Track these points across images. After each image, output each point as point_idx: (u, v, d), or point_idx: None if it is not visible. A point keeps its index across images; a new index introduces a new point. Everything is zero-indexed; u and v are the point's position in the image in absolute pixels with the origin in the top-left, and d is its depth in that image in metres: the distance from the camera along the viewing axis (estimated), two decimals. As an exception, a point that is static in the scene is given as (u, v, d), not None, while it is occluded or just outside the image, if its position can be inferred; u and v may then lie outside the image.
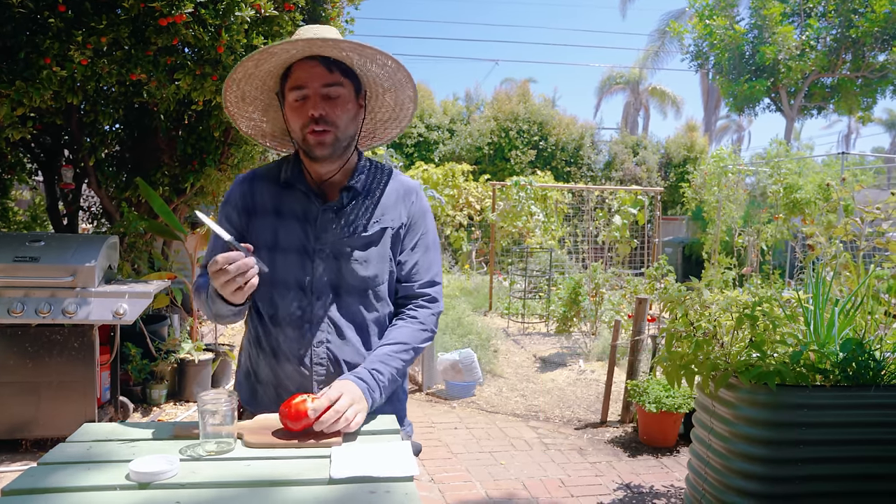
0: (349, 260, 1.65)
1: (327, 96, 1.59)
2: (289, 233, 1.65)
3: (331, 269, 1.64)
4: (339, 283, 1.65)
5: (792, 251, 10.75)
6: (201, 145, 5.33)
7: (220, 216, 1.73)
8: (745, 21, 18.31)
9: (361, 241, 1.66)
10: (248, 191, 1.71)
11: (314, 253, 1.64)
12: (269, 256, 1.64)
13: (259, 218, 1.68)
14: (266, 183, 1.71)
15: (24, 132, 4.08)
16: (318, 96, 1.58)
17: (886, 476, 2.58)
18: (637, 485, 3.72)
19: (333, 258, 1.64)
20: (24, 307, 3.64)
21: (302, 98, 1.59)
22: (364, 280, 1.66)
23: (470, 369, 5.49)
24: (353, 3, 5.18)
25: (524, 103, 18.23)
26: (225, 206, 1.73)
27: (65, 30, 3.69)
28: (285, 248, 1.65)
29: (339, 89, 1.60)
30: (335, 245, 1.64)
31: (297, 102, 1.60)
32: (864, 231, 3.78)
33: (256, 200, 1.69)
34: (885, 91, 17.81)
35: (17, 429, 3.79)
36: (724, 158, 10.73)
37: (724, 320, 2.99)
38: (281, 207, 1.67)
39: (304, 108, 1.59)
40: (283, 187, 1.69)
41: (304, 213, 1.66)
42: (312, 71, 1.58)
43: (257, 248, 1.64)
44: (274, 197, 1.68)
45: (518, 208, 9.76)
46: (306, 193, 1.67)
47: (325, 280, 1.64)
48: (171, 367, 4.90)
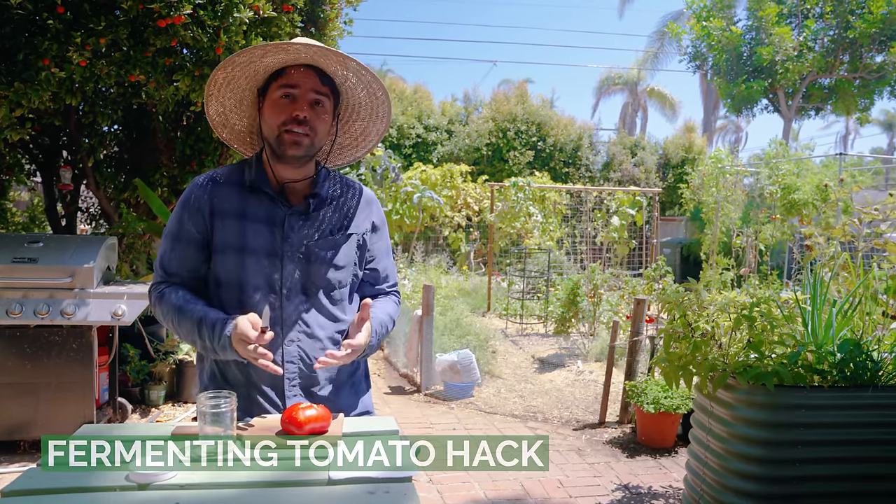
0: (318, 262, 1.69)
1: (314, 102, 1.66)
2: (257, 235, 1.66)
3: (300, 271, 1.68)
4: (309, 284, 1.69)
5: (790, 252, 10.77)
6: (200, 146, 5.33)
7: (178, 216, 1.71)
8: (743, 22, 18.34)
9: (329, 244, 1.71)
10: (211, 194, 1.69)
11: (283, 255, 1.67)
12: (239, 260, 1.66)
13: (224, 220, 1.68)
14: (229, 186, 1.71)
15: (22, 133, 4.08)
16: (307, 100, 1.65)
17: (884, 476, 2.59)
18: (635, 485, 3.72)
19: (304, 260, 1.68)
20: (22, 308, 3.64)
21: (289, 97, 1.64)
22: (332, 281, 1.72)
23: (468, 370, 5.50)
24: (352, 5, 5.18)
25: (522, 104, 18.23)
26: (185, 208, 1.70)
27: (63, 31, 3.69)
28: (255, 251, 1.66)
29: (325, 100, 1.68)
30: (304, 248, 1.68)
31: (282, 99, 1.65)
32: (863, 232, 3.79)
33: (219, 203, 1.69)
34: (883, 92, 17.85)
35: (16, 430, 3.79)
36: (722, 159, 10.74)
37: (722, 321, 2.99)
38: (246, 210, 1.68)
39: (289, 107, 1.64)
40: (249, 191, 1.70)
41: (271, 216, 1.68)
42: (308, 76, 1.65)
43: (225, 250, 1.67)
44: (239, 200, 1.69)
45: (516, 209, 9.77)
46: (272, 198, 1.69)
47: (295, 281, 1.68)
48: (169, 368, 4.90)
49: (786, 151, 11.48)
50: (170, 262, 1.72)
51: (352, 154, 1.93)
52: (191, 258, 1.70)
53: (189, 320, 1.61)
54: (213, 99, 1.75)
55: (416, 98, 17.99)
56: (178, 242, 1.70)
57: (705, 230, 11.29)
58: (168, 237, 1.72)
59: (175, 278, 1.72)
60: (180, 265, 1.71)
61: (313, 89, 1.65)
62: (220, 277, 1.68)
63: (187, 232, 1.69)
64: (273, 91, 1.67)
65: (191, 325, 1.60)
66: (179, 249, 1.70)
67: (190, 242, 1.69)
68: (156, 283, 1.73)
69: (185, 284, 1.72)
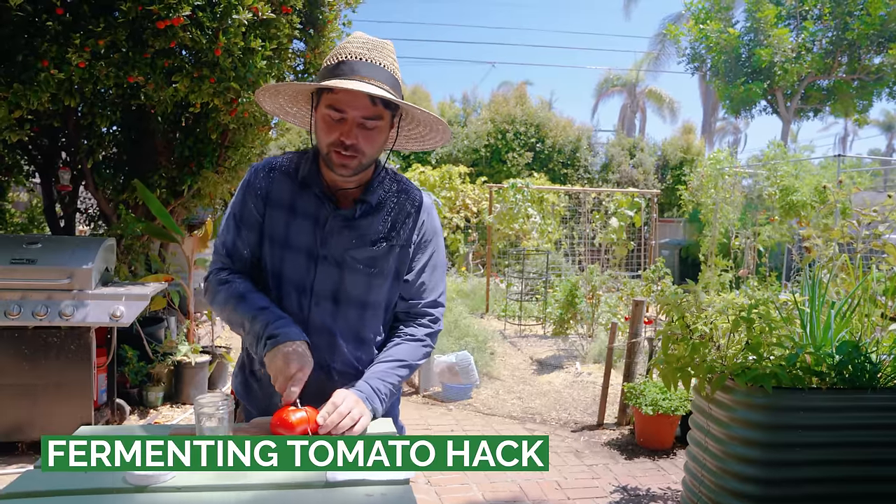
0: (352, 271, 1.63)
1: (364, 126, 1.55)
2: (300, 232, 1.63)
3: (332, 277, 1.63)
4: (339, 292, 1.64)
5: (788, 253, 10.78)
6: (199, 147, 5.33)
7: (240, 198, 1.69)
8: (741, 24, 18.36)
9: (367, 255, 1.64)
10: (269, 181, 1.67)
11: (318, 258, 1.62)
12: (280, 252, 1.64)
13: (275, 210, 1.65)
14: (284, 176, 1.67)
15: (21, 134, 4.08)
16: (356, 125, 1.54)
17: (883, 478, 2.59)
18: (634, 487, 3.72)
19: (336, 266, 1.63)
20: (20, 309, 3.64)
21: (338, 120, 1.55)
22: (364, 293, 1.65)
23: (466, 372, 5.50)
24: (350, 6, 5.18)
25: (521, 105, 18.26)
26: (247, 190, 1.68)
27: (62, 33, 3.70)
28: (295, 247, 1.63)
29: (378, 122, 1.57)
30: (339, 253, 1.63)
31: (331, 120, 1.55)
32: (861, 233, 3.80)
33: (274, 192, 1.66)
34: (881, 93, 17.87)
35: (14, 431, 3.79)
36: (720, 161, 10.74)
37: (721, 323, 3.00)
38: (295, 205, 1.65)
39: (338, 129, 1.55)
40: (300, 185, 1.66)
41: (316, 215, 1.63)
42: (357, 100, 1.53)
43: (272, 241, 1.64)
44: (290, 193, 1.66)
45: (515, 210, 9.77)
46: (320, 197, 1.64)
47: (325, 286, 1.63)
48: (167, 369, 4.89)
49: (784, 153, 11.48)
50: (233, 246, 1.68)
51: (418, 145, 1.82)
52: (254, 242, 1.68)
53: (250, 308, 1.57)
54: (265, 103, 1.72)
55: (415, 99, 18.03)
56: (243, 225, 1.67)
57: (704, 231, 11.29)
58: (231, 219, 1.69)
59: (238, 263, 1.69)
60: (245, 249, 1.68)
61: (362, 114, 1.53)
62: (265, 265, 1.67)
63: (251, 214, 1.67)
64: (323, 105, 1.57)
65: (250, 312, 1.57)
66: (245, 232, 1.67)
67: (253, 225, 1.67)
68: (217, 269, 1.69)
69: (246, 272, 1.69)
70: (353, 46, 1.57)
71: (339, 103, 1.53)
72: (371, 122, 1.55)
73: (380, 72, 1.55)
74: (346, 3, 5.13)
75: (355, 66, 1.54)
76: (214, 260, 1.72)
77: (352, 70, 1.53)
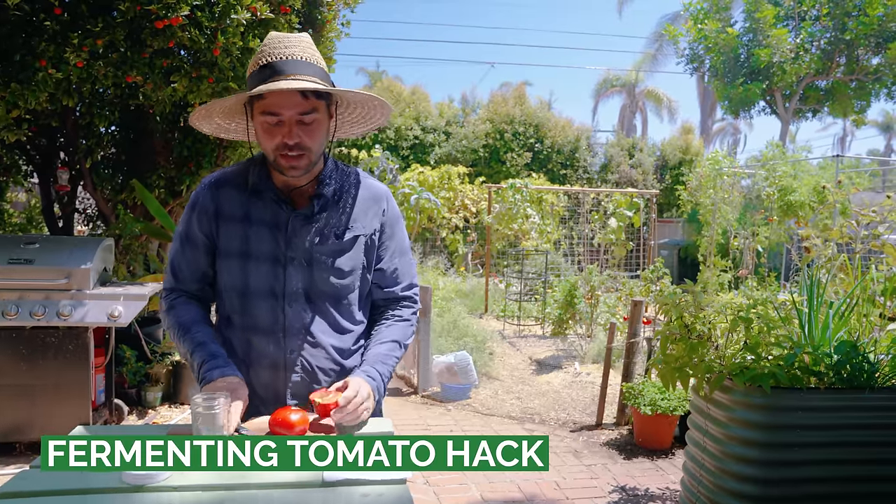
0: (321, 267, 1.64)
1: (302, 122, 1.55)
2: (260, 240, 1.62)
3: (303, 277, 1.63)
4: (312, 291, 1.64)
5: (787, 253, 10.79)
6: (197, 147, 5.33)
7: (186, 216, 1.70)
8: (740, 24, 18.36)
9: (333, 249, 1.65)
10: (216, 196, 1.66)
11: (286, 261, 1.62)
12: (242, 265, 1.63)
13: (227, 224, 1.65)
14: (233, 189, 1.67)
15: (19, 134, 4.08)
16: (293, 123, 1.54)
17: (881, 478, 2.59)
18: (632, 487, 3.72)
19: (306, 266, 1.63)
20: (18, 309, 3.63)
21: (275, 123, 1.54)
22: (337, 287, 1.66)
23: (465, 372, 5.49)
24: (349, 6, 5.18)
25: (520, 106, 18.24)
26: (193, 210, 1.68)
27: (60, 32, 3.69)
28: (257, 256, 1.63)
29: (314, 115, 1.56)
30: (307, 253, 1.63)
31: (269, 126, 1.55)
32: (860, 233, 3.80)
33: (224, 206, 1.66)
34: (879, 94, 17.88)
35: (12, 432, 3.78)
36: (719, 161, 10.74)
37: (719, 323, 2.99)
38: (250, 214, 1.64)
39: (278, 132, 1.54)
40: (251, 193, 1.65)
41: (274, 220, 1.63)
42: (287, 99, 1.52)
43: (228, 256, 1.64)
44: (242, 203, 1.65)
45: (514, 211, 9.77)
46: (275, 201, 1.63)
47: (297, 288, 1.63)
48: (166, 369, 4.89)
49: (783, 153, 11.50)
50: (179, 267, 1.70)
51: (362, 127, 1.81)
52: (200, 262, 1.69)
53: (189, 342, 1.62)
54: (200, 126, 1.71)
55: (414, 100, 17.99)
56: (188, 245, 1.68)
57: (703, 232, 11.29)
58: (178, 239, 1.70)
59: (184, 285, 1.70)
60: (190, 270, 1.69)
61: (297, 111, 1.53)
62: (225, 282, 1.66)
63: (196, 235, 1.67)
64: (258, 115, 1.56)
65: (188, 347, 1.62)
66: (189, 252, 1.68)
67: (198, 246, 1.67)
68: (167, 290, 1.72)
69: (193, 294, 1.71)
70: (270, 48, 1.56)
71: (271, 107, 1.53)
72: (308, 117, 1.55)
73: (303, 66, 1.55)
74: (345, 3, 5.13)
75: (277, 66, 1.53)
76: (165, 278, 1.75)
77: (275, 71, 1.53)
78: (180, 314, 1.67)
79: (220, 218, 1.65)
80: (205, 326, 1.66)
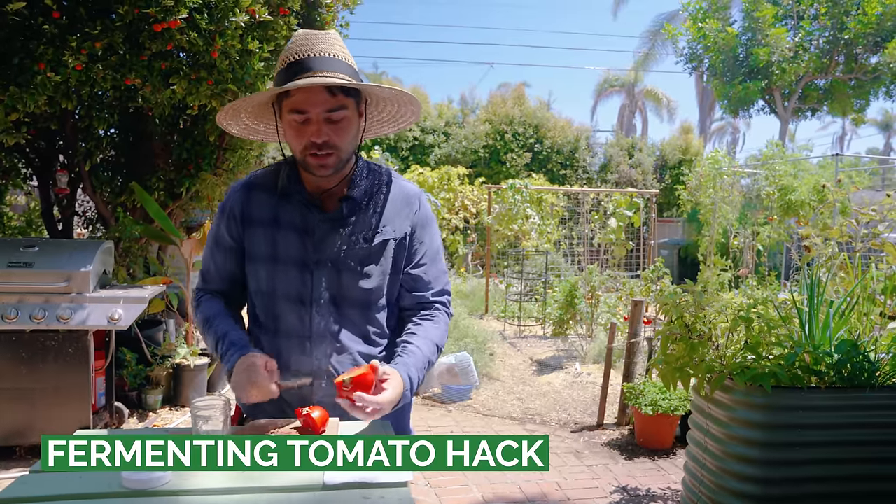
0: (350, 272, 1.60)
1: (330, 120, 1.51)
2: (288, 245, 1.60)
3: (331, 282, 1.60)
4: (340, 296, 1.61)
5: (787, 253, 10.78)
6: (197, 150, 5.32)
7: (216, 220, 1.71)
8: (738, 23, 18.37)
9: (362, 254, 1.61)
10: (245, 199, 1.65)
11: (314, 265, 1.59)
12: (269, 269, 1.62)
13: (256, 228, 1.63)
14: (262, 192, 1.65)
15: (18, 137, 4.07)
16: (321, 121, 1.51)
17: (882, 477, 2.59)
18: (633, 487, 3.72)
19: (334, 270, 1.60)
20: (18, 313, 3.63)
21: (303, 122, 1.51)
22: (365, 292, 1.63)
23: (466, 373, 5.49)
24: (348, 7, 5.18)
25: (519, 106, 18.24)
26: (222, 215, 1.68)
27: (59, 35, 3.69)
28: (285, 261, 1.60)
29: (343, 112, 1.52)
30: (335, 257, 1.59)
31: (297, 124, 1.52)
32: (860, 232, 3.79)
33: (253, 210, 1.64)
34: (878, 92, 17.89)
35: (12, 436, 3.78)
36: (719, 160, 10.76)
37: (720, 322, 2.99)
38: (279, 217, 1.62)
39: (306, 131, 1.51)
40: (280, 197, 1.63)
41: (303, 223, 1.60)
42: (315, 96, 1.49)
43: (256, 260, 1.63)
44: (271, 207, 1.63)
45: (514, 211, 9.77)
46: (304, 204, 1.61)
47: (325, 293, 1.60)
48: (166, 372, 4.89)
49: (782, 152, 11.50)
50: (208, 269, 1.72)
51: (394, 126, 1.78)
52: (229, 265, 1.69)
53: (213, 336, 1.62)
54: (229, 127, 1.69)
55: (414, 100, 17.98)
56: (218, 248, 1.69)
57: (703, 231, 11.30)
58: (209, 241, 1.72)
59: (212, 285, 1.72)
60: (218, 273, 1.71)
61: (324, 108, 1.49)
62: (253, 286, 1.66)
63: (224, 238, 1.67)
64: (286, 114, 1.53)
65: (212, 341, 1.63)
66: (219, 256, 1.69)
67: (228, 249, 1.68)
68: (196, 290, 1.76)
69: (222, 293, 1.72)
70: (297, 46, 1.54)
71: (298, 105, 1.50)
72: (336, 115, 1.51)
73: (331, 62, 1.52)
74: (344, 4, 5.12)
75: (304, 63, 1.51)
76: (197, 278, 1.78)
77: (302, 69, 1.50)
78: (205, 310, 1.68)
79: (247, 222, 1.64)
80: (226, 318, 1.65)
